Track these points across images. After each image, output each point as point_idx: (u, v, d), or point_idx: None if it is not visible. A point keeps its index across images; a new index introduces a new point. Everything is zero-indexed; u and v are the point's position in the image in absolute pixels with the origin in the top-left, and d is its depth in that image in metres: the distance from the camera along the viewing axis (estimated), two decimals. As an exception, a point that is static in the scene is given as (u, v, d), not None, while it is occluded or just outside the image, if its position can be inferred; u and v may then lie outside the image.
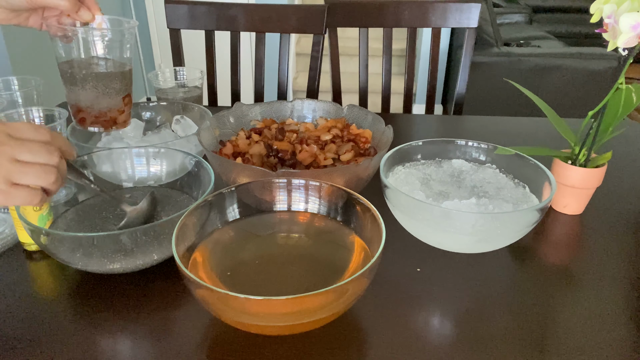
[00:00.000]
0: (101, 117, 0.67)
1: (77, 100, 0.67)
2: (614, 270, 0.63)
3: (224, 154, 0.74)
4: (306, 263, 0.57)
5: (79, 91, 0.66)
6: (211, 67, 1.33)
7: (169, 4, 1.27)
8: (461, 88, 1.34)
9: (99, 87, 0.65)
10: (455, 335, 0.52)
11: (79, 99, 0.66)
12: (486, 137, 1.00)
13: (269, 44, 1.36)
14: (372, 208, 0.55)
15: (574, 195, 0.74)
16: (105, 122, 0.68)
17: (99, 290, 0.58)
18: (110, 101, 0.67)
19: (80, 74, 0.65)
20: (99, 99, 0.66)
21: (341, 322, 0.53)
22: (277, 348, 0.50)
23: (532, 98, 0.78)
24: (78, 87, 0.65)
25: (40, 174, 0.47)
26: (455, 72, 2.92)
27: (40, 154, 0.47)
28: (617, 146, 0.90)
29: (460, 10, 1.26)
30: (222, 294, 0.43)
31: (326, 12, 1.24)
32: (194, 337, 0.51)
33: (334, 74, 1.32)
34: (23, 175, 0.46)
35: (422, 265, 0.63)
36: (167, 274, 0.60)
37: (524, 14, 3.79)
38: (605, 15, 0.59)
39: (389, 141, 0.74)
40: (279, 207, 0.63)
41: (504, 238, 0.59)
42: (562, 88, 2.59)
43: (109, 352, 0.50)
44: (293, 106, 0.89)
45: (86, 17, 0.62)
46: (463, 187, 0.69)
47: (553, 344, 0.51)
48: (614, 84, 0.65)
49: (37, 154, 0.47)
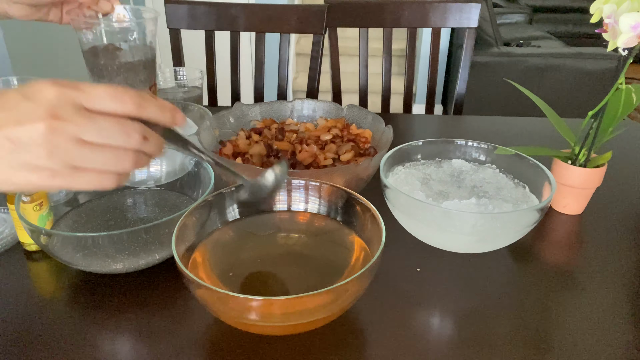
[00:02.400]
0: None
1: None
2: (614, 270, 0.63)
3: (224, 154, 0.75)
4: (306, 263, 0.57)
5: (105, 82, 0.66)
6: (211, 67, 1.33)
7: (169, 4, 1.27)
8: (461, 88, 1.34)
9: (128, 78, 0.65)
10: (455, 335, 0.52)
11: None
12: (486, 137, 1.00)
13: (269, 44, 1.36)
14: (372, 208, 0.55)
15: (574, 195, 0.74)
16: None
17: (99, 290, 0.58)
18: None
19: (106, 66, 0.65)
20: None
21: (341, 322, 0.53)
22: (277, 348, 0.50)
23: (532, 98, 0.78)
24: (105, 79, 0.65)
25: (110, 159, 0.37)
26: (455, 72, 2.92)
27: (113, 135, 0.37)
28: (617, 146, 0.90)
29: (460, 10, 1.26)
30: (222, 294, 0.43)
31: (326, 12, 1.24)
32: (194, 337, 0.51)
33: (334, 74, 1.32)
34: (87, 160, 0.37)
35: (422, 265, 0.63)
36: (167, 273, 0.60)
37: (524, 14, 3.80)
38: (605, 15, 0.59)
39: (389, 141, 0.74)
40: (279, 207, 0.63)
41: (504, 238, 0.59)
42: (562, 88, 2.59)
43: (109, 352, 0.50)
44: (293, 106, 0.89)
45: (106, 8, 0.62)
46: (463, 187, 0.69)
47: (553, 343, 0.51)
48: (614, 84, 0.65)
49: (108, 134, 0.37)
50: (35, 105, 0.35)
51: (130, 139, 0.38)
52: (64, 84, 0.36)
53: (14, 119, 0.35)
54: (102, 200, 0.70)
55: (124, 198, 0.72)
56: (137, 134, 0.38)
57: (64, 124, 0.35)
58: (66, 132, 0.35)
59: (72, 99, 0.36)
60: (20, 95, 0.35)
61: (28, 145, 0.35)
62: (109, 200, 0.71)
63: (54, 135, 0.35)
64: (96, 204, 0.70)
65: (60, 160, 0.36)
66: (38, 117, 0.35)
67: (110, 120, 0.37)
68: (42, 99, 0.35)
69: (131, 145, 0.38)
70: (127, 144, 0.38)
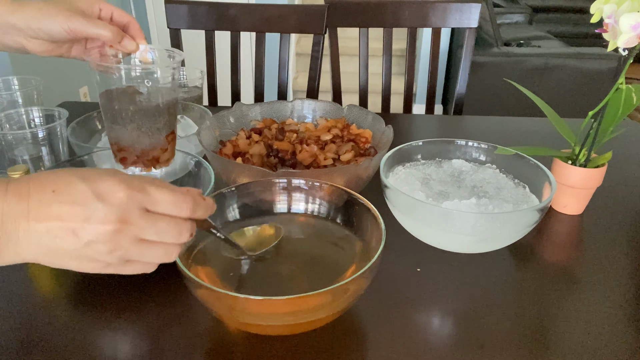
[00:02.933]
0: (143, 156, 0.61)
1: (117, 138, 0.60)
2: (614, 270, 0.63)
3: (224, 154, 0.74)
4: (306, 263, 0.57)
5: (119, 129, 0.59)
6: (211, 67, 1.33)
7: (169, 4, 1.27)
8: (461, 88, 1.34)
9: (142, 125, 0.59)
10: (455, 335, 0.52)
11: (120, 137, 0.60)
12: (486, 137, 1.00)
13: (269, 44, 1.36)
14: (372, 208, 0.55)
15: (574, 195, 0.74)
16: (147, 162, 0.62)
17: (99, 290, 0.58)
18: (153, 140, 0.60)
19: (121, 111, 0.58)
20: (141, 138, 0.60)
21: (341, 322, 0.53)
22: (277, 348, 0.50)
23: (532, 98, 0.78)
24: (119, 125, 0.59)
25: (161, 254, 0.40)
26: (455, 72, 2.92)
27: (169, 235, 0.40)
28: (617, 146, 0.90)
29: (461, 10, 1.26)
30: (222, 294, 0.43)
31: (326, 12, 1.24)
32: (194, 336, 0.51)
33: (334, 74, 1.32)
34: (141, 256, 0.40)
35: (422, 265, 0.63)
36: (168, 273, 0.60)
37: (524, 14, 3.80)
38: (606, 15, 0.59)
39: (389, 141, 0.74)
40: (279, 207, 0.63)
41: (504, 238, 0.59)
42: (562, 88, 2.59)
43: (109, 352, 0.50)
44: (293, 106, 0.89)
45: (130, 47, 0.58)
46: (463, 187, 0.69)
47: (553, 343, 0.51)
48: (614, 84, 0.65)
49: (165, 235, 0.40)
50: (106, 208, 0.36)
51: (181, 237, 0.41)
52: (134, 187, 0.38)
53: (83, 215, 0.36)
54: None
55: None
56: (188, 233, 0.41)
57: (128, 226, 0.37)
58: (129, 234, 0.38)
59: (139, 204, 0.38)
60: (91, 192, 0.36)
61: (92, 242, 0.36)
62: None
63: (118, 237, 0.37)
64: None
65: (118, 256, 0.38)
66: (108, 220, 0.36)
67: (169, 223, 0.40)
68: (114, 202, 0.37)
69: (181, 241, 0.41)
70: (179, 239, 0.41)
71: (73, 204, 0.36)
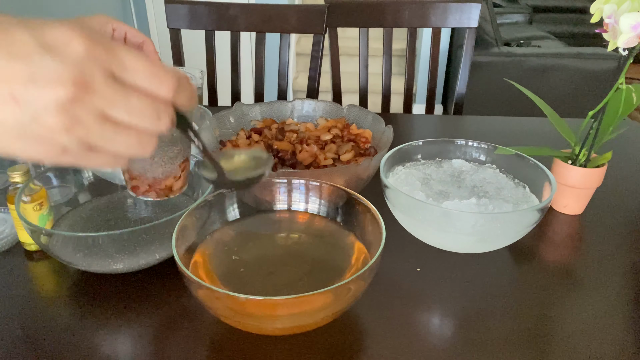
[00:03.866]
0: (155, 185, 0.60)
1: (129, 166, 0.58)
2: (614, 270, 0.63)
3: (224, 154, 0.74)
4: (306, 263, 0.57)
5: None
6: (211, 67, 1.33)
7: (169, 4, 1.27)
8: (461, 88, 1.34)
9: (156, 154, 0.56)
10: (455, 335, 0.52)
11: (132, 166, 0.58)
12: (486, 137, 1.00)
13: (269, 44, 1.36)
14: (372, 208, 0.55)
15: (574, 195, 0.74)
16: (159, 191, 0.60)
17: (99, 290, 0.58)
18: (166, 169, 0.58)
19: None
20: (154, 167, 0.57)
21: (341, 322, 0.53)
22: (277, 348, 0.50)
23: (532, 98, 0.78)
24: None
25: (132, 144, 0.31)
26: (455, 72, 2.92)
27: (144, 117, 0.30)
28: (617, 146, 0.90)
29: (461, 10, 1.26)
30: (222, 294, 0.43)
31: (326, 12, 1.24)
32: (194, 337, 0.51)
33: (334, 74, 1.32)
34: (107, 141, 0.30)
35: (422, 265, 0.63)
36: (168, 273, 0.60)
37: (524, 14, 3.80)
38: (606, 15, 0.59)
39: (389, 141, 0.74)
40: (279, 207, 0.63)
41: (504, 238, 0.59)
42: (562, 88, 2.59)
43: (109, 352, 0.50)
44: (293, 106, 0.89)
45: None
46: (463, 187, 0.69)
47: (553, 343, 0.51)
48: (614, 84, 0.65)
49: (138, 115, 0.30)
50: (57, 63, 0.26)
51: (159, 124, 0.31)
52: (96, 41, 0.28)
53: (25, 73, 0.26)
54: (102, 200, 0.70)
55: (124, 198, 0.72)
56: (168, 120, 0.32)
57: (90, 94, 0.28)
58: (91, 105, 0.28)
59: (104, 64, 0.28)
60: (36, 42, 0.26)
61: (40, 112, 0.27)
62: (109, 200, 0.71)
63: (75, 107, 0.27)
64: (96, 204, 0.70)
65: (77, 138, 0.28)
66: (59, 79, 0.26)
67: (144, 101, 0.30)
68: (68, 56, 0.27)
69: (158, 129, 0.31)
70: (156, 127, 0.31)
71: (10, 59, 0.26)
